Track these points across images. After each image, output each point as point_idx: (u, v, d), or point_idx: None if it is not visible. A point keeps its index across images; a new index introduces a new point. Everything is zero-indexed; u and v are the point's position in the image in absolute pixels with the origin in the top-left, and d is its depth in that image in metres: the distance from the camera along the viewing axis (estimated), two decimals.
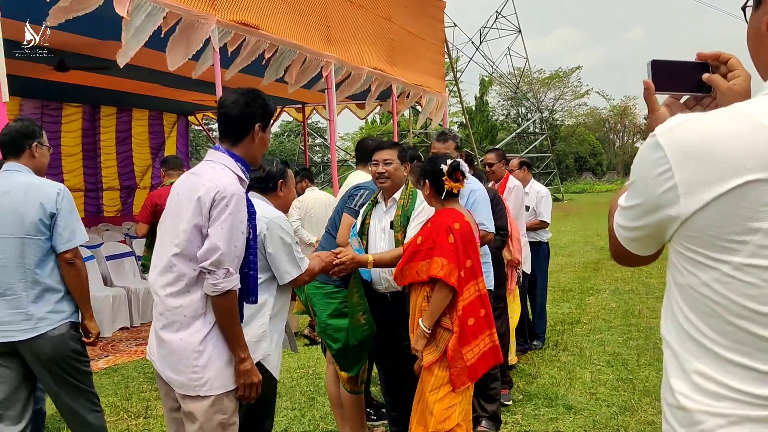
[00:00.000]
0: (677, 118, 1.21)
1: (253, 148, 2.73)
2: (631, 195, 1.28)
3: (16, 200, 3.26)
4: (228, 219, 2.49)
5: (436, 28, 12.57)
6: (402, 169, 3.83)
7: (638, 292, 9.03)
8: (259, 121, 2.71)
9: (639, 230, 1.29)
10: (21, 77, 7.88)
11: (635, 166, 1.27)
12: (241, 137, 2.69)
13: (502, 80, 46.96)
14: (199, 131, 30.27)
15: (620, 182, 50.34)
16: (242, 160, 2.69)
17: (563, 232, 18.00)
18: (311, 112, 14.47)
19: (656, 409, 4.68)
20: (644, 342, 6.45)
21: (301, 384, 5.50)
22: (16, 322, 3.24)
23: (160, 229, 2.71)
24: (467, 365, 3.24)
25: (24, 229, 3.24)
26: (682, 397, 1.21)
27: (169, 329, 2.57)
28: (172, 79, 8.71)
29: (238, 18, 6.75)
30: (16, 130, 3.48)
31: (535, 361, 5.91)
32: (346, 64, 8.87)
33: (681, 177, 1.16)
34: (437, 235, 3.30)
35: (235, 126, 2.68)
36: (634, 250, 1.34)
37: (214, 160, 2.66)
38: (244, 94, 2.71)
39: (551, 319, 7.57)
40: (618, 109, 59.56)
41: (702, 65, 1.36)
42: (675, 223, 1.20)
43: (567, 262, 12.31)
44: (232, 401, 2.63)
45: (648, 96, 1.38)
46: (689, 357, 1.22)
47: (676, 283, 1.26)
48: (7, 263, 3.24)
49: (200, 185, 2.54)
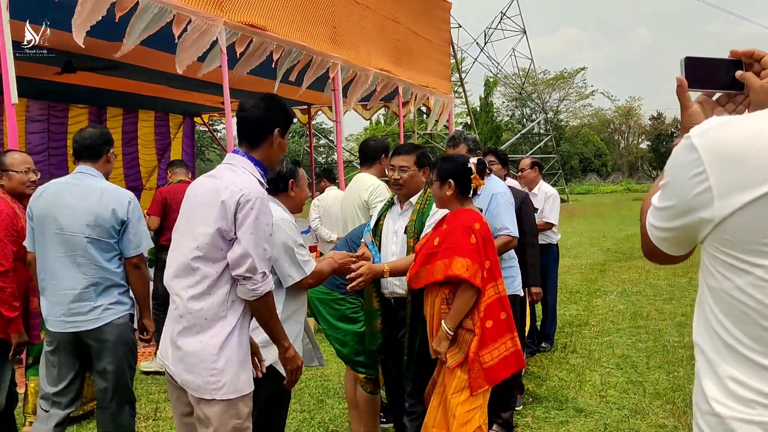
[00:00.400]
0: (713, 121, 1.20)
1: (271, 153, 2.74)
2: (665, 196, 1.27)
3: (92, 203, 3.47)
4: (255, 223, 2.50)
5: (442, 29, 12.55)
6: (419, 175, 3.74)
7: (646, 294, 8.99)
8: (278, 126, 2.72)
9: (671, 231, 1.28)
10: (28, 78, 7.88)
11: (669, 167, 1.26)
12: (260, 141, 2.70)
13: (507, 81, 46.91)
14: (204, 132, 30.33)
15: (625, 183, 50.30)
16: (261, 164, 2.70)
17: (569, 233, 17.95)
18: (316, 113, 14.46)
19: (667, 412, 4.66)
20: (653, 344, 6.42)
21: (310, 386, 5.49)
22: (84, 313, 3.45)
23: (176, 231, 2.70)
24: (484, 368, 3.21)
25: (96, 231, 3.46)
26: (716, 404, 1.20)
27: (189, 333, 2.55)
28: (179, 80, 8.72)
29: (245, 19, 6.74)
30: (97, 136, 3.68)
31: (544, 364, 5.89)
32: (352, 65, 8.86)
33: (715, 179, 1.14)
34: (457, 236, 3.25)
35: (254, 130, 2.69)
36: (666, 250, 1.33)
37: (233, 164, 2.67)
38: (264, 99, 2.72)
39: (559, 321, 7.54)
40: (623, 110, 59.48)
41: (735, 62, 1.35)
42: (708, 225, 1.18)
43: (573, 263, 12.28)
44: (246, 406, 2.62)
45: (681, 93, 1.36)
46: (723, 363, 1.20)
47: (709, 287, 1.24)
48: (77, 260, 3.44)
49: (222, 188, 2.53)
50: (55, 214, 3.46)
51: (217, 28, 6.27)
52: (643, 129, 61.41)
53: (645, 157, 62.41)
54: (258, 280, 2.50)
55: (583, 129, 57.04)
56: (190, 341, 2.54)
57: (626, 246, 14.68)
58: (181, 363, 2.57)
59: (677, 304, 8.21)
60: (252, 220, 2.49)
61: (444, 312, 3.29)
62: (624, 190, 45.24)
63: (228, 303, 2.54)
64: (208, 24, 6.16)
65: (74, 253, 3.43)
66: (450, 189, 3.38)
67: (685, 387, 5.15)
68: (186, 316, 2.55)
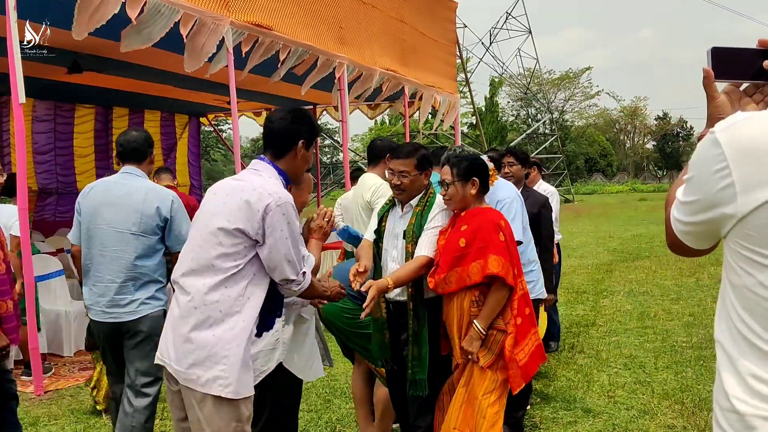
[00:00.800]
0: (737, 116, 1.19)
1: (295, 165, 2.78)
2: (689, 190, 1.26)
3: (137, 201, 3.68)
4: (290, 228, 2.58)
5: (448, 29, 12.54)
6: (421, 178, 3.54)
7: (653, 294, 8.96)
8: (303, 138, 2.76)
9: (695, 225, 1.28)
10: (35, 78, 7.90)
11: (693, 161, 1.25)
12: (285, 152, 2.75)
13: (512, 81, 46.84)
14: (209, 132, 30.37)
15: (630, 183, 50.19)
16: (284, 173, 2.74)
17: (575, 233, 17.91)
18: (321, 113, 14.45)
19: (676, 413, 4.64)
20: (661, 344, 6.39)
21: (317, 386, 5.47)
22: (122, 306, 3.66)
23: (194, 227, 2.71)
24: (519, 366, 3.20)
25: (141, 227, 3.67)
26: (737, 401, 1.18)
27: (203, 326, 2.52)
28: (185, 80, 8.73)
29: (251, 19, 6.75)
30: (143, 139, 3.97)
31: (552, 364, 5.87)
32: (358, 65, 8.86)
33: (738, 175, 1.13)
34: (487, 234, 3.20)
35: (279, 140, 2.74)
36: (690, 244, 1.33)
37: (259, 170, 2.71)
38: (292, 112, 2.79)
39: (566, 321, 7.53)
40: (628, 109, 59.34)
41: (763, 52, 1.32)
42: (731, 220, 1.18)
43: (580, 263, 12.24)
44: (247, 409, 2.61)
45: (708, 84, 1.34)
46: (743, 359, 1.19)
47: (731, 283, 1.23)
48: (120, 255, 3.65)
49: (249, 189, 2.58)
50: (102, 211, 3.69)
51: (223, 28, 6.27)
52: (649, 129, 61.27)
53: (650, 158, 62.27)
54: (300, 280, 2.66)
55: (589, 129, 56.90)
56: (203, 334, 2.51)
57: (633, 246, 14.63)
58: (192, 356, 2.53)
59: (685, 305, 8.17)
60: (286, 225, 2.56)
61: (474, 314, 3.23)
62: (629, 191, 45.12)
63: (244, 299, 2.54)
64: (215, 23, 6.16)
65: (117, 248, 3.64)
66: (475, 187, 3.34)
67: (693, 387, 5.13)
68: (201, 308, 2.52)
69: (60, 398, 5.37)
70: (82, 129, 11.70)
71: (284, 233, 2.54)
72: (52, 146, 11.22)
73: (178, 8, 5.75)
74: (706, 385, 5.15)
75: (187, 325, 2.54)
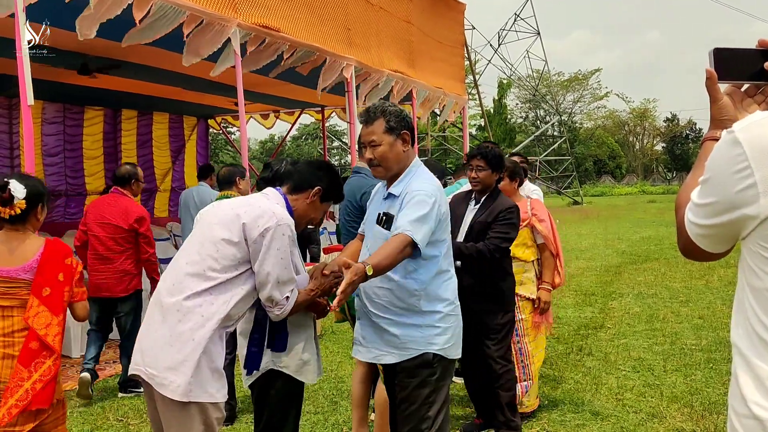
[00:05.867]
0: (756, 115, 1.17)
1: (304, 206, 2.84)
2: (705, 192, 1.23)
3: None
4: (283, 249, 2.61)
5: (456, 31, 12.51)
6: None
7: (662, 297, 8.91)
8: (321, 186, 2.83)
9: (712, 228, 1.24)
10: (44, 81, 7.93)
11: (710, 162, 1.22)
12: (299, 191, 2.82)
13: (521, 83, 46.77)
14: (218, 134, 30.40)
15: (640, 185, 49.98)
16: (291, 209, 2.79)
17: (583, 235, 17.85)
18: (330, 114, 14.46)
19: (685, 416, 4.60)
20: (670, 347, 6.35)
21: (324, 388, 5.47)
22: None
23: (193, 236, 2.73)
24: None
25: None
26: (756, 406, 1.16)
27: (182, 323, 2.56)
28: (193, 82, 8.74)
29: (259, 21, 6.74)
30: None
31: (560, 366, 5.84)
32: (366, 67, 8.85)
33: (761, 175, 1.11)
34: None
35: (299, 177, 2.83)
36: (705, 247, 1.29)
37: (268, 194, 2.81)
38: (322, 164, 2.93)
39: (575, 323, 7.50)
40: (637, 111, 59.13)
41: (764, 53, 1.31)
42: (753, 222, 1.15)
43: (588, 265, 12.19)
44: (220, 411, 2.63)
45: (711, 85, 1.32)
46: (762, 363, 1.16)
47: (750, 286, 1.20)
48: None
49: (255, 206, 2.66)
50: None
51: (230, 29, 6.27)
52: (658, 131, 61.04)
53: (660, 159, 62.03)
54: (284, 304, 2.65)
55: (598, 131, 56.74)
56: (182, 328, 2.55)
57: (641, 248, 14.56)
58: (163, 356, 2.56)
59: (694, 307, 8.12)
60: (282, 245, 2.60)
61: None
62: (639, 192, 44.96)
63: (225, 307, 2.59)
64: (221, 25, 6.16)
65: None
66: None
67: (702, 390, 5.08)
68: (183, 310, 2.56)
69: (67, 399, 5.38)
70: (91, 131, 11.73)
71: (278, 254, 2.58)
72: (62, 148, 11.25)
73: (185, 9, 5.76)
74: (715, 388, 5.11)
75: (167, 328, 2.57)
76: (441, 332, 2.96)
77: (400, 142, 2.94)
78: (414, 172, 2.99)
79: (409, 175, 2.98)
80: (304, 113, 14.00)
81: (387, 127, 2.90)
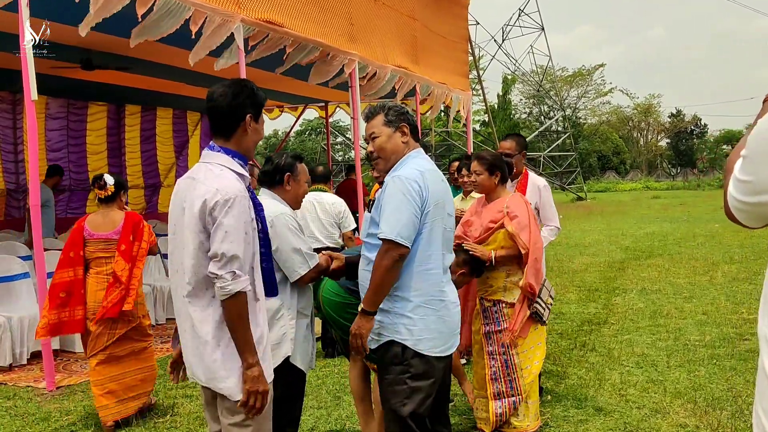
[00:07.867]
0: None
1: (246, 140, 2.63)
2: (744, 169, 1.21)
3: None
4: (231, 221, 2.43)
5: (460, 26, 12.49)
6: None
7: (665, 293, 8.89)
8: (250, 112, 2.61)
9: (747, 205, 1.23)
10: (47, 76, 7.94)
11: (751, 139, 1.19)
12: (233, 131, 2.60)
13: (525, 78, 46.63)
14: None
15: (644, 180, 49.84)
16: (238, 154, 2.61)
17: (587, 231, 17.83)
18: (335, 110, 14.47)
19: (688, 412, 4.59)
20: (673, 343, 6.34)
21: (327, 383, 5.47)
22: None
23: (176, 236, 2.64)
24: None
25: None
26: None
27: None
28: (196, 77, 8.75)
29: (263, 16, 6.75)
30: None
31: (563, 362, 5.83)
32: (369, 62, 8.84)
33: None
34: None
35: (225, 120, 2.60)
36: (742, 220, 1.29)
37: (210, 162, 2.59)
38: (231, 86, 2.62)
39: (578, 319, 7.49)
40: (642, 107, 58.96)
41: None
42: None
43: (592, 261, 12.17)
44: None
45: None
46: None
47: None
48: None
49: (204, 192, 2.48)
50: None
51: (234, 25, 6.27)
52: (663, 126, 60.85)
53: (664, 155, 61.84)
54: (227, 279, 2.41)
55: (602, 126, 56.60)
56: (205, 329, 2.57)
57: (645, 244, 14.53)
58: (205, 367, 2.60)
59: (698, 303, 8.10)
60: (229, 218, 2.43)
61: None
62: (643, 188, 44.83)
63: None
64: (225, 20, 6.16)
65: None
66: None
67: (706, 386, 5.08)
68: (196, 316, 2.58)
69: (72, 393, 5.40)
70: (94, 126, 11.76)
71: (221, 226, 2.43)
72: (65, 143, 11.28)
73: (189, 5, 5.76)
74: (718, 384, 5.10)
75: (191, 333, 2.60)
76: (410, 323, 2.92)
77: (398, 134, 3.01)
78: (406, 161, 3.02)
79: (402, 164, 3.01)
80: (308, 108, 14.00)
81: (386, 120, 3.01)
